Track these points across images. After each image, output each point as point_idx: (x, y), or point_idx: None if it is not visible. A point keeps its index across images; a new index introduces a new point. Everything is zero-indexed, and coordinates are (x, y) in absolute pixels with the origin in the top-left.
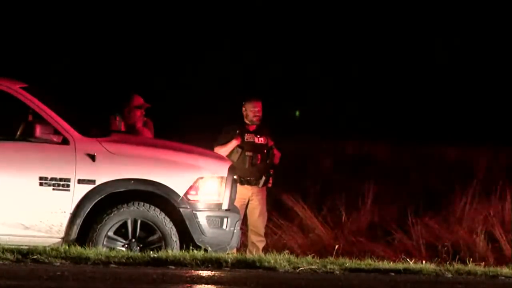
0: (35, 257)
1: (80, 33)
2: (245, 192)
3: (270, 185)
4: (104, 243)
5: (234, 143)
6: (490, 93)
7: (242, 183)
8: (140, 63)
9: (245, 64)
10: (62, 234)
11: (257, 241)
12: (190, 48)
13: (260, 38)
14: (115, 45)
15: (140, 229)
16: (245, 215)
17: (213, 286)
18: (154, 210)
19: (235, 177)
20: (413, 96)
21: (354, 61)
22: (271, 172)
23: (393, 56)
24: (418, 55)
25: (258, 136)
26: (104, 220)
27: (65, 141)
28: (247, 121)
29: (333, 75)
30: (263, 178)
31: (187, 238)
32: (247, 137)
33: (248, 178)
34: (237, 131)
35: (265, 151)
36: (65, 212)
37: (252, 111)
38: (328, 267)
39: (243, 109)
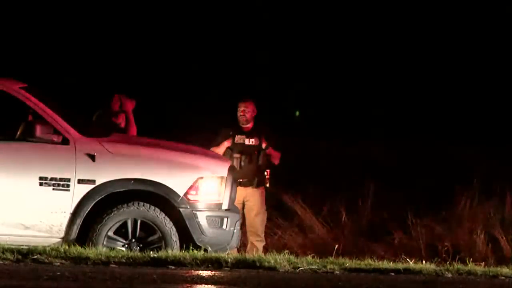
0: (35, 257)
1: (78, 32)
2: (239, 193)
3: (267, 185)
4: (104, 243)
5: (225, 144)
6: (491, 92)
7: None
8: (140, 63)
9: (246, 64)
10: (62, 234)
11: (256, 241)
12: (191, 48)
13: (258, 38)
14: (114, 43)
15: (140, 229)
16: (244, 216)
17: (213, 286)
18: (154, 210)
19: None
20: (413, 95)
21: (353, 60)
22: (266, 173)
23: (393, 54)
24: (417, 54)
25: (250, 137)
26: (104, 220)
27: (65, 141)
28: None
29: (333, 74)
30: (256, 179)
31: (187, 238)
32: (237, 138)
33: (240, 180)
34: (230, 133)
35: (256, 152)
36: (65, 212)
37: (238, 111)
38: (328, 267)
39: None
